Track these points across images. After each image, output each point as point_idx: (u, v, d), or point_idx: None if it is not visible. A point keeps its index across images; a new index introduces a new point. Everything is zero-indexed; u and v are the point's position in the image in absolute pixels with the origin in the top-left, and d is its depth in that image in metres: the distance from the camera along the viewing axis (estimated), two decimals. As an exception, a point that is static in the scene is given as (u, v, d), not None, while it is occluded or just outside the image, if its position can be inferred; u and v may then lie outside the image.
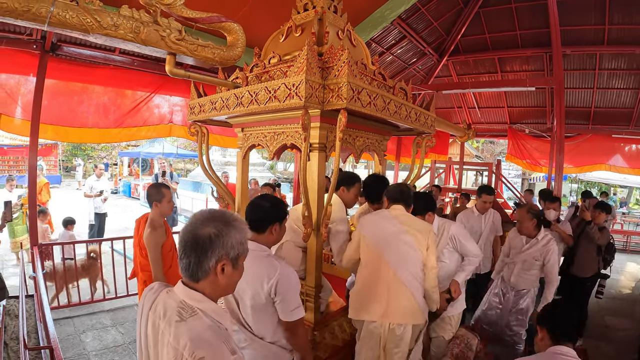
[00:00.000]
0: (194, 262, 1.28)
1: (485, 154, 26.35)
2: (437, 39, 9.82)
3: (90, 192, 8.13)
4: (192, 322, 1.23)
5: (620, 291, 7.42)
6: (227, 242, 1.29)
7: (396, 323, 2.50)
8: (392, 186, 2.87)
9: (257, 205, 2.15)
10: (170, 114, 6.46)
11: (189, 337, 1.18)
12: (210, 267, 1.28)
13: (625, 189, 23.75)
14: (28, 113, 4.77)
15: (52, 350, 2.49)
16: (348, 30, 2.93)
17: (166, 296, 1.36)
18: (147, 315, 1.39)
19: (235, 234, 1.31)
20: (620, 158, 10.30)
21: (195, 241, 1.27)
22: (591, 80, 9.72)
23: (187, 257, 1.29)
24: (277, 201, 2.20)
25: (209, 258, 1.27)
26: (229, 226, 1.30)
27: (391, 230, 2.60)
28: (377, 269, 2.57)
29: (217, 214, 1.34)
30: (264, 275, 1.98)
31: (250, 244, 1.93)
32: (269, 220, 2.11)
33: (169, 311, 1.29)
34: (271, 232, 2.12)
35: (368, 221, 2.72)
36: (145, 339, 1.40)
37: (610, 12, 8.00)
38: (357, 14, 5.75)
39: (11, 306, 4.23)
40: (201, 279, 1.30)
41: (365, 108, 2.38)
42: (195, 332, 1.20)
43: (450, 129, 7.01)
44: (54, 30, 1.81)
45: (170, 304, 1.31)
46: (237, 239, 1.32)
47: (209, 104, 2.97)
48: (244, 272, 1.70)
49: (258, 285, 1.98)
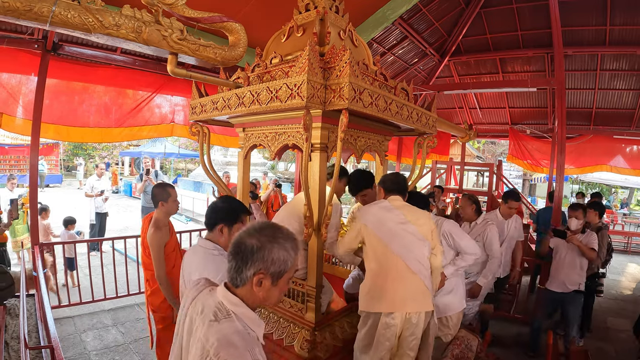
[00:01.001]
0: (234, 268, 1.33)
1: (487, 155, 26.34)
2: (438, 39, 9.81)
3: (91, 192, 8.14)
4: (224, 324, 1.27)
5: (622, 292, 7.42)
6: (268, 257, 1.30)
7: (413, 312, 2.52)
8: (386, 176, 2.90)
9: (212, 203, 2.30)
10: (171, 113, 6.46)
11: (217, 337, 1.23)
12: (248, 276, 1.31)
13: (626, 189, 23.74)
14: (29, 112, 4.78)
15: (52, 349, 2.49)
16: (350, 31, 2.93)
17: (208, 294, 1.42)
18: (187, 308, 1.46)
19: (279, 251, 1.32)
20: (622, 159, 10.29)
21: (239, 248, 1.32)
22: (592, 81, 9.71)
23: (229, 262, 1.35)
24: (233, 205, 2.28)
25: (247, 268, 1.30)
26: (273, 242, 1.32)
27: (395, 220, 2.61)
28: (387, 260, 2.57)
29: (268, 228, 1.36)
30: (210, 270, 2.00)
31: (202, 241, 2.24)
32: (215, 219, 2.22)
33: (206, 309, 1.35)
34: (221, 232, 2.20)
35: (370, 213, 2.70)
36: (181, 330, 1.46)
37: (612, 13, 8.00)
38: (359, 14, 5.75)
39: (12, 305, 4.23)
40: (240, 286, 1.34)
41: (366, 108, 2.37)
42: (223, 334, 1.24)
43: (452, 129, 7.03)
44: (56, 30, 1.81)
45: (209, 303, 1.37)
46: (279, 256, 1.32)
47: (210, 103, 2.96)
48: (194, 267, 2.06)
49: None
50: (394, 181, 2.80)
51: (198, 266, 2.10)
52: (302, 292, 2.72)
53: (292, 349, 2.54)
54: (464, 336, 3.17)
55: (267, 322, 2.84)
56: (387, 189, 2.80)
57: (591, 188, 23.88)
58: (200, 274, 1.96)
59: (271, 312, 2.89)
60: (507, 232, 4.84)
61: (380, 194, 2.85)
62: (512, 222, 4.88)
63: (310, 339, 2.54)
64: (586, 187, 24.07)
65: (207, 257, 2.12)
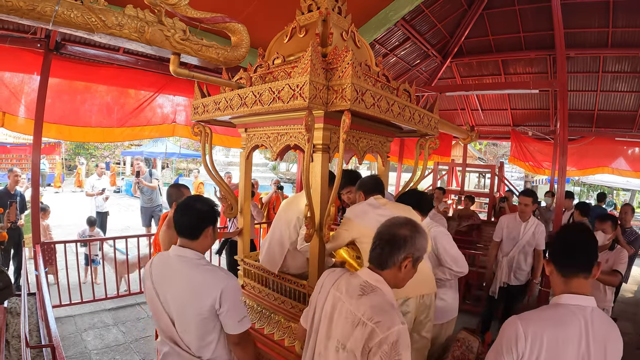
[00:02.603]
0: (387, 253, 1.61)
1: (488, 156, 26.31)
2: (440, 40, 9.80)
3: (91, 191, 8.16)
4: (372, 296, 1.56)
5: (623, 295, 7.39)
6: (416, 243, 1.61)
7: (425, 293, 2.66)
8: (363, 180, 2.95)
9: (191, 208, 1.97)
10: (173, 113, 6.47)
11: (368, 306, 1.51)
12: (398, 260, 1.60)
13: (628, 192, 23.68)
14: (32, 112, 4.78)
15: (53, 348, 2.50)
16: (352, 32, 2.93)
17: (350, 277, 1.71)
18: (328, 290, 1.72)
19: (422, 240, 1.63)
20: (624, 161, 10.28)
21: (393, 238, 1.62)
22: (595, 83, 9.69)
23: (381, 249, 1.64)
24: (210, 202, 2.06)
25: (400, 253, 1.60)
26: (419, 232, 1.64)
27: (385, 215, 2.59)
28: None
29: (411, 221, 1.68)
30: (208, 285, 1.86)
31: (185, 251, 1.94)
32: (204, 223, 1.97)
33: (351, 287, 1.63)
34: (206, 237, 1.99)
35: (360, 211, 2.69)
36: (321, 311, 1.71)
37: (614, 15, 7.98)
38: (361, 15, 5.75)
39: (13, 304, 4.24)
40: (386, 269, 1.63)
41: (369, 109, 2.37)
42: (374, 303, 1.52)
43: (454, 130, 7.02)
44: (59, 29, 1.81)
45: (353, 283, 1.65)
46: (422, 244, 1.63)
47: (212, 104, 2.97)
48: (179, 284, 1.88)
49: (201, 297, 1.85)
50: (372, 183, 2.89)
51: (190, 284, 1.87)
52: (304, 292, 2.72)
53: (293, 349, 2.54)
54: (465, 337, 3.17)
55: (269, 322, 2.84)
56: (366, 191, 2.85)
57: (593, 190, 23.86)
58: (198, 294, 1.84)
59: (272, 312, 2.89)
60: (523, 235, 4.43)
61: (360, 198, 2.87)
62: (531, 225, 4.43)
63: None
64: (588, 189, 24.05)
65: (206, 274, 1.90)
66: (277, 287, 2.97)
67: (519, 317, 1.56)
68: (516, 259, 4.46)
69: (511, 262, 4.48)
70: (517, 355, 1.48)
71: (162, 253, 2.05)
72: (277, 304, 2.93)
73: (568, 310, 1.51)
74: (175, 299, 1.90)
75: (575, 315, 1.50)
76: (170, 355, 1.94)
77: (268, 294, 3.03)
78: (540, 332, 1.47)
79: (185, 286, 1.87)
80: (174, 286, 1.90)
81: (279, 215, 3.11)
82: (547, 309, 1.59)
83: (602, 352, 1.52)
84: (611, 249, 3.81)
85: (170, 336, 1.91)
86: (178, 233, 1.98)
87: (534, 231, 4.41)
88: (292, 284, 2.81)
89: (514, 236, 4.49)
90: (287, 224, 2.90)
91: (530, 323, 1.51)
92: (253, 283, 3.19)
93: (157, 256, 2.05)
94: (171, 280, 1.92)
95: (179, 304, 1.89)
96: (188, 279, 1.88)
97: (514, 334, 1.50)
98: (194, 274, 1.88)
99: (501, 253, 4.61)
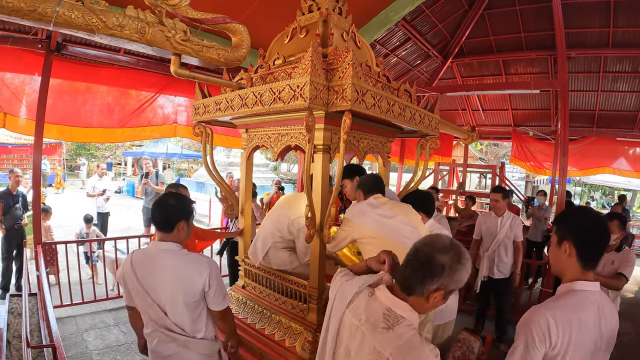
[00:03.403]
0: (417, 278, 1.37)
1: (489, 157, 26.29)
2: (441, 41, 9.80)
3: (92, 192, 8.17)
4: (399, 331, 1.33)
5: (624, 295, 7.39)
6: (454, 277, 1.36)
7: None
8: (363, 179, 2.89)
9: (163, 203, 2.12)
10: (174, 114, 6.48)
11: (396, 345, 1.29)
12: (428, 289, 1.36)
13: (629, 192, 23.66)
14: (33, 112, 4.79)
15: (54, 348, 2.50)
16: (353, 32, 2.93)
17: (369, 300, 1.46)
18: (341, 307, 1.52)
19: (462, 273, 1.38)
20: (625, 161, 10.27)
21: (429, 263, 1.36)
22: (595, 83, 9.68)
23: (412, 270, 1.39)
24: (183, 198, 2.20)
25: (432, 282, 1.35)
26: (462, 263, 1.37)
27: (385, 215, 2.60)
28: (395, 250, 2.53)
29: (455, 247, 1.40)
30: (195, 271, 2.03)
31: (165, 244, 2.09)
32: (175, 218, 2.09)
33: (373, 316, 1.40)
34: (179, 231, 2.10)
35: (359, 211, 2.65)
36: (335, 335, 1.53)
37: (615, 15, 7.97)
38: (362, 15, 5.75)
39: (14, 304, 4.24)
40: (413, 295, 1.39)
41: (369, 110, 2.38)
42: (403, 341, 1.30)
43: (455, 131, 7.01)
44: (60, 30, 1.81)
45: (375, 310, 1.41)
46: (461, 277, 1.38)
47: (213, 104, 2.97)
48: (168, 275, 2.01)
49: (190, 283, 2.03)
50: (372, 181, 2.82)
51: (179, 272, 2.02)
52: (304, 293, 2.72)
53: (294, 350, 2.54)
54: (466, 338, 3.16)
55: (269, 322, 2.84)
56: (366, 190, 2.79)
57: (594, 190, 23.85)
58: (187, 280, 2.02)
59: (273, 312, 2.89)
60: (500, 229, 4.62)
61: (360, 197, 2.84)
62: (507, 219, 4.64)
63: (312, 340, 2.54)
64: (589, 190, 24.03)
65: (190, 262, 2.06)
66: (278, 288, 2.97)
67: (542, 307, 1.55)
68: (497, 253, 4.65)
69: (492, 257, 4.68)
70: (551, 344, 1.48)
71: (140, 250, 2.17)
72: (278, 304, 2.93)
73: (584, 296, 1.56)
74: (165, 289, 2.02)
75: (589, 299, 1.56)
76: (164, 342, 2.07)
77: (269, 295, 3.03)
78: (569, 319, 1.50)
79: (174, 275, 2.02)
80: (163, 277, 2.02)
81: (272, 212, 3.16)
82: (565, 296, 1.59)
83: (611, 329, 1.60)
84: (618, 250, 3.62)
85: (163, 324, 2.05)
86: (155, 227, 2.13)
87: (511, 224, 4.63)
88: (293, 284, 2.81)
89: (492, 231, 4.69)
90: (278, 222, 2.97)
91: (557, 311, 1.51)
92: (254, 284, 3.19)
93: (136, 255, 2.14)
94: (158, 273, 2.03)
95: (169, 293, 2.02)
96: (176, 269, 2.03)
97: (545, 324, 1.48)
98: (180, 263, 2.04)
99: (482, 249, 4.79)
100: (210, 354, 2.19)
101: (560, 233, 1.65)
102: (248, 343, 2.79)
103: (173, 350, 2.07)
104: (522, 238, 4.77)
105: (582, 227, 1.60)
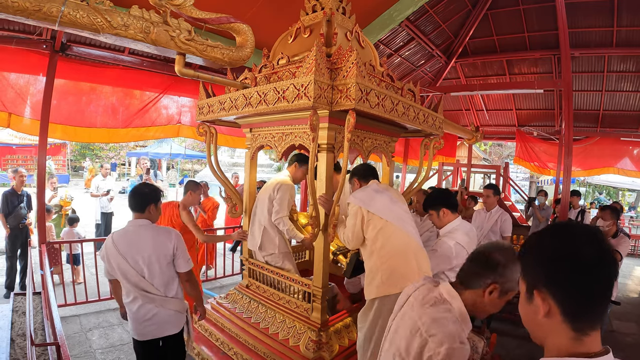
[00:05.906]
0: (473, 273, 1.50)
1: (493, 157, 26.22)
2: (445, 41, 9.79)
3: (96, 192, 8.18)
4: (439, 308, 1.44)
5: (628, 295, 7.35)
6: (507, 273, 1.44)
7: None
8: (356, 168, 2.95)
9: (138, 190, 2.64)
10: (178, 114, 6.49)
11: (431, 317, 1.40)
12: (483, 284, 1.45)
13: (633, 192, 23.55)
14: (37, 112, 4.80)
15: (58, 347, 2.50)
16: (356, 32, 2.93)
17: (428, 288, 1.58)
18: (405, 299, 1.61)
19: (515, 271, 1.42)
20: (629, 161, 10.21)
21: (485, 260, 1.48)
22: (600, 82, 9.64)
23: (471, 265, 1.53)
24: (154, 188, 2.74)
25: (487, 276, 1.45)
26: (514, 263, 1.44)
27: (390, 199, 2.62)
28: (398, 237, 2.52)
29: (509, 248, 1.52)
30: (165, 238, 2.53)
31: (140, 221, 2.59)
32: (147, 202, 2.59)
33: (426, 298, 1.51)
34: (149, 211, 2.61)
35: (367, 196, 2.61)
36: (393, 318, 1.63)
37: (619, 14, 7.93)
38: (366, 15, 5.75)
39: (19, 303, 4.27)
40: (469, 288, 1.49)
41: (373, 109, 2.38)
42: (437, 315, 1.40)
43: (458, 131, 6.99)
44: (65, 30, 1.82)
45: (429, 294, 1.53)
46: (512, 276, 1.44)
47: (217, 104, 2.98)
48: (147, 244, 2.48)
49: (163, 249, 2.51)
50: (365, 168, 2.88)
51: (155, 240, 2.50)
52: (308, 292, 2.72)
53: (298, 349, 2.54)
54: (470, 337, 3.15)
55: (273, 321, 2.84)
56: (361, 177, 2.82)
57: (598, 190, 23.75)
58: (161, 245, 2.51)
59: (277, 312, 2.90)
60: (486, 223, 4.85)
61: (355, 185, 2.84)
62: (495, 214, 4.86)
63: (316, 340, 2.54)
64: (593, 190, 23.92)
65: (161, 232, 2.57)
66: (281, 287, 2.97)
67: None
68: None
69: None
70: None
71: (119, 230, 2.61)
72: (282, 303, 2.94)
73: None
74: (144, 257, 2.47)
75: None
76: (144, 304, 2.50)
77: (272, 294, 3.04)
78: None
79: (152, 242, 2.51)
80: (143, 247, 2.48)
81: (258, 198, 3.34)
82: None
83: None
84: (614, 237, 4.20)
85: (142, 288, 2.48)
86: (131, 209, 2.62)
87: (497, 219, 4.83)
88: (297, 283, 2.82)
89: (480, 225, 4.88)
90: (262, 202, 3.21)
91: None
92: (258, 283, 3.19)
93: (116, 234, 2.58)
94: (138, 244, 2.49)
95: (148, 260, 2.47)
96: (153, 237, 2.52)
97: None
98: (155, 234, 2.55)
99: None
100: (181, 310, 2.62)
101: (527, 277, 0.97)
102: (252, 342, 2.80)
103: (153, 311, 2.50)
104: (510, 234, 4.90)
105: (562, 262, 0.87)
